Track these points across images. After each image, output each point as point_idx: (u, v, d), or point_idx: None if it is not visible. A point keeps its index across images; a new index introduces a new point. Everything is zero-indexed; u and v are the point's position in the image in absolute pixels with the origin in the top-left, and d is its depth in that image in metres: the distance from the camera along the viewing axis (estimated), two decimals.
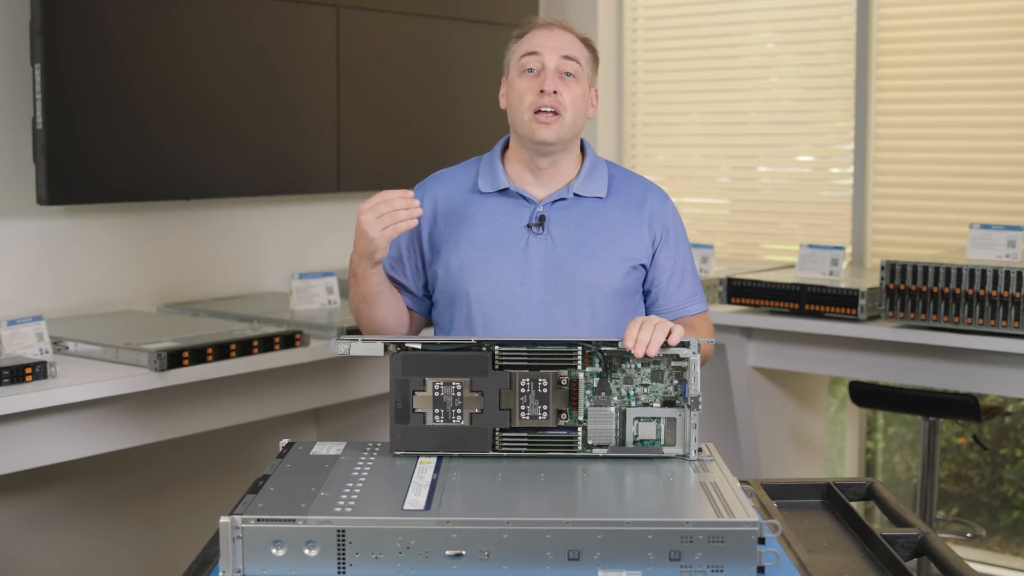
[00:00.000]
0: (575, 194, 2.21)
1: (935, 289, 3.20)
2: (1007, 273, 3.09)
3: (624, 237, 2.21)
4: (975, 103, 3.80)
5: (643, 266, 2.23)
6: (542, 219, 2.19)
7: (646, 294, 2.27)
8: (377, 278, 2.16)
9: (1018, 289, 3.07)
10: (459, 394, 1.81)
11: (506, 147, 2.28)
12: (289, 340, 3.02)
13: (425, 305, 2.31)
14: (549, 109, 2.14)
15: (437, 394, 1.81)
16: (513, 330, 2.16)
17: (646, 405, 1.83)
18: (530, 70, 2.17)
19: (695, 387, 1.80)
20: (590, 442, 1.81)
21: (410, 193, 2.07)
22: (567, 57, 2.17)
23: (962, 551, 4.08)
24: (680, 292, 2.26)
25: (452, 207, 2.24)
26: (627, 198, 2.24)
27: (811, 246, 3.65)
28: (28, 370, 2.59)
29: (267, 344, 2.97)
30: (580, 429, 1.82)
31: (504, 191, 2.22)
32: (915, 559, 1.73)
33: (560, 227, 2.19)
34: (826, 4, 4.12)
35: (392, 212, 2.04)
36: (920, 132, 3.95)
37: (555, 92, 2.14)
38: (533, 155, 2.20)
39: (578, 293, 2.17)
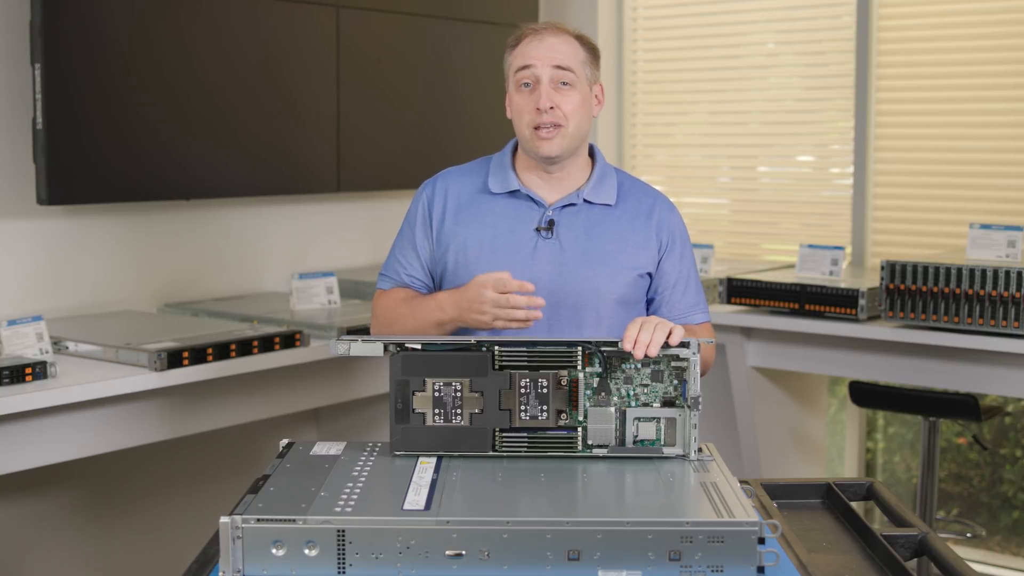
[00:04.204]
0: (585, 200, 2.21)
1: (935, 289, 3.20)
2: (1007, 273, 3.09)
3: (631, 245, 2.21)
4: (975, 103, 3.80)
5: (649, 275, 2.23)
6: (551, 223, 2.19)
7: (649, 302, 2.26)
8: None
9: (1018, 289, 3.07)
10: (459, 394, 1.81)
11: (516, 148, 2.28)
12: (289, 340, 3.02)
13: None
14: (548, 128, 2.14)
15: (437, 394, 1.81)
16: (517, 333, 2.15)
17: (646, 405, 1.83)
18: (526, 84, 2.17)
19: (695, 387, 1.81)
20: (590, 442, 1.81)
21: (537, 301, 2.03)
22: (560, 67, 2.15)
23: (962, 551, 4.08)
24: (683, 301, 2.26)
25: (462, 205, 2.23)
26: (635, 206, 2.24)
27: (811, 246, 3.65)
28: (28, 370, 2.59)
29: (267, 344, 2.97)
30: (580, 429, 1.82)
31: (514, 193, 2.22)
32: (915, 559, 1.73)
33: (569, 232, 2.19)
34: (826, 4, 4.12)
35: (509, 310, 2.02)
36: (920, 132, 3.95)
37: (552, 107, 2.13)
38: (541, 163, 2.21)
39: (584, 299, 2.17)
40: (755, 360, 3.70)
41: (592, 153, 2.28)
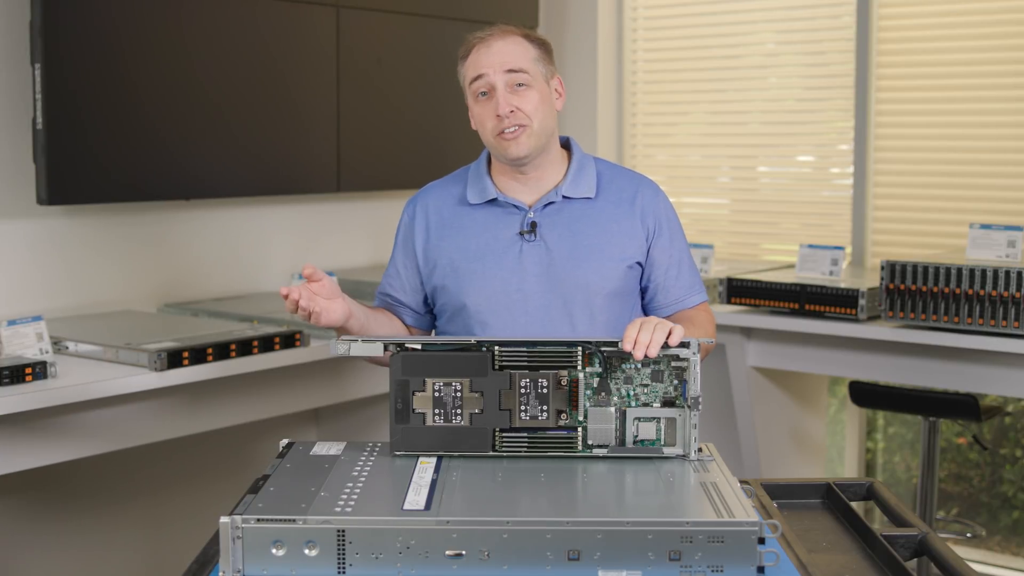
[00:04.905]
0: (564, 196, 2.20)
1: (935, 289, 3.20)
2: (1007, 273, 3.09)
3: (617, 236, 2.20)
4: (975, 103, 3.80)
5: (639, 263, 2.22)
6: (533, 225, 2.19)
7: (644, 289, 2.25)
8: (354, 324, 2.14)
9: (1018, 289, 3.07)
10: (459, 394, 1.81)
11: (491, 155, 2.27)
12: (289, 340, 3.02)
13: (427, 320, 2.32)
14: (512, 129, 2.14)
15: (437, 394, 1.81)
16: (514, 333, 2.15)
17: (646, 405, 1.83)
18: (483, 94, 2.17)
19: (695, 387, 1.80)
20: (590, 442, 1.81)
21: (287, 291, 2.04)
22: (512, 70, 2.15)
23: (962, 551, 4.08)
24: (678, 284, 2.25)
25: (444, 220, 2.24)
26: (618, 195, 2.23)
27: (811, 246, 3.65)
28: (28, 370, 2.59)
29: (267, 344, 2.97)
30: (580, 429, 1.82)
31: (493, 201, 2.22)
32: (915, 559, 1.73)
33: (552, 232, 2.19)
34: (826, 4, 4.12)
35: (298, 309, 2.05)
36: (920, 132, 3.95)
37: (512, 111, 2.13)
38: (513, 166, 2.20)
39: (575, 296, 2.16)
40: (755, 360, 3.70)
41: (569, 147, 2.28)
